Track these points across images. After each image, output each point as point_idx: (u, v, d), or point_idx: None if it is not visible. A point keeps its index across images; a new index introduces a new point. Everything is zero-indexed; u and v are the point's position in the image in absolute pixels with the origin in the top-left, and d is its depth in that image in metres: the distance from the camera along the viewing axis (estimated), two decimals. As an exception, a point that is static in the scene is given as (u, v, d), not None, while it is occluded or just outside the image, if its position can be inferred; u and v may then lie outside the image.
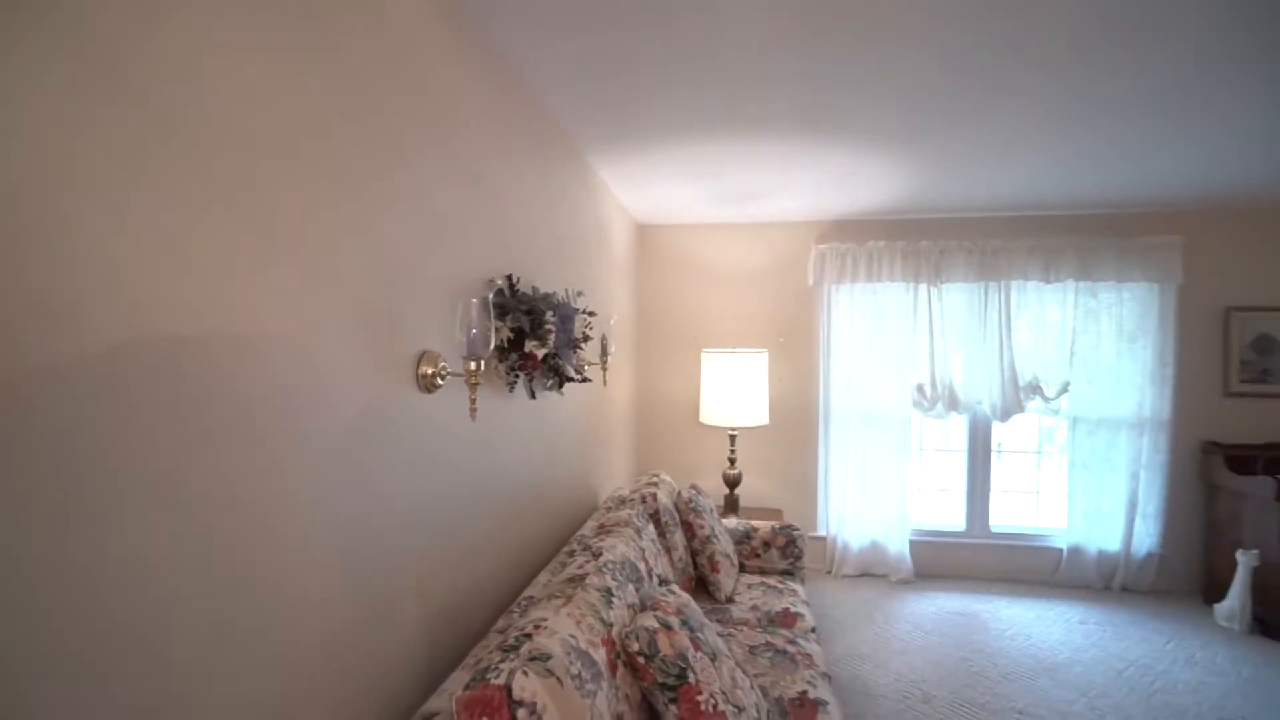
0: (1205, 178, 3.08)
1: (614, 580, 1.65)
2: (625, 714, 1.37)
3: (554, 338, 1.90)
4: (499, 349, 1.80)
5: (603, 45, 1.83)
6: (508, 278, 1.93)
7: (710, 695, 1.43)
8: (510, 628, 1.31)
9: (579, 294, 2.55)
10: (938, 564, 3.98)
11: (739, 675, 1.62)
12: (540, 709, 1.06)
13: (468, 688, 1.06)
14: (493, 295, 1.63)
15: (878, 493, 3.94)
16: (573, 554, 1.86)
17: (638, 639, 1.44)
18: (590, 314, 2.43)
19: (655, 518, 2.53)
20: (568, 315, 2.10)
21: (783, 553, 2.98)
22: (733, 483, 3.76)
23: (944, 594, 3.70)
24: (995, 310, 3.81)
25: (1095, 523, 3.79)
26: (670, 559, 2.49)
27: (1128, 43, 1.78)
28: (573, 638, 1.29)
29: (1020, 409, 3.80)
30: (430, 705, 1.24)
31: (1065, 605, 3.55)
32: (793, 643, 2.21)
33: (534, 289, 2.04)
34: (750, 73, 1.99)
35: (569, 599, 1.45)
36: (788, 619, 2.45)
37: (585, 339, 2.31)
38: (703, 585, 2.67)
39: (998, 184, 3.22)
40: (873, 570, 3.97)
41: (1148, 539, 3.71)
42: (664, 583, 1.95)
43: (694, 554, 2.69)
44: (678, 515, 2.72)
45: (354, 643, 1.24)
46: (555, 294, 2.17)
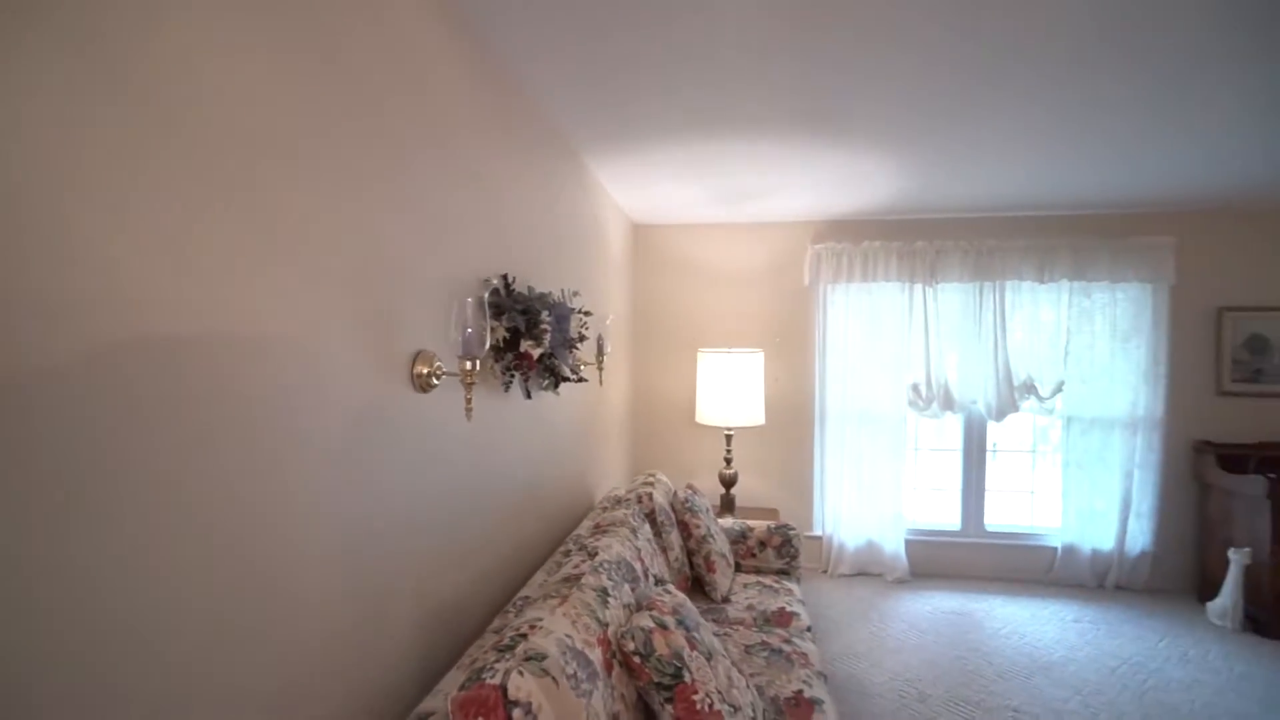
0: (1200, 178, 3.10)
1: (610, 580, 1.65)
2: (621, 714, 1.37)
3: (550, 337, 1.90)
4: (494, 349, 1.81)
5: (602, 45, 1.83)
6: (504, 277, 1.93)
7: (706, 694, 1.43)
8: (506, 627, 1.32)
9: (575, 294, 2.55)
10: (933, 563, 3.99)
11: (735, 674, 1.62)
12: (535, 709, 1.06)
13: (463, 688, 1.06)
14: (488, 295, 1.63)
15: (873, 492, 3.96)
16: (569, 554, 1.86)
17: (633, 638, 1.45)
18: (586, 314, 2.43)
19: (651, 517, 2.53)
20: (563, 315, 2.10)
21: (778, 552, 2.99)
22: (729, 482, 3.77)
23: (939, 593, 3.71)
24: (990, 310, 3.83)
25: (1089, 522, 3.82)
26: (666, 559, 2.49)
27: (1126, 43, 1.79)
28: (568, 637, 1.29)
29: (1015, 408, 3.82)
30: (425, 705, 1.24)
31: (1059, 604, 3.57)
32: (788, 642, 2.21)
33: (530, 289, 2.04)
34: (749, 73, 1.99)
35: (565, 599, 1.45)
36: (783, 618, 2.46)
37: (581, 339, 2.31)
38: (699, 585, 2.68)
39: (994, 184, 3.24)
40: (868, 569, 3.99)
41: (1141, 538, 3.74)
42: (660, 582, 1.96)
43: (690, 554, 2.69)
44: (674, 515, 2.72)
45: (353, 642, 1.24)
46: (551, 294, 2.17)
